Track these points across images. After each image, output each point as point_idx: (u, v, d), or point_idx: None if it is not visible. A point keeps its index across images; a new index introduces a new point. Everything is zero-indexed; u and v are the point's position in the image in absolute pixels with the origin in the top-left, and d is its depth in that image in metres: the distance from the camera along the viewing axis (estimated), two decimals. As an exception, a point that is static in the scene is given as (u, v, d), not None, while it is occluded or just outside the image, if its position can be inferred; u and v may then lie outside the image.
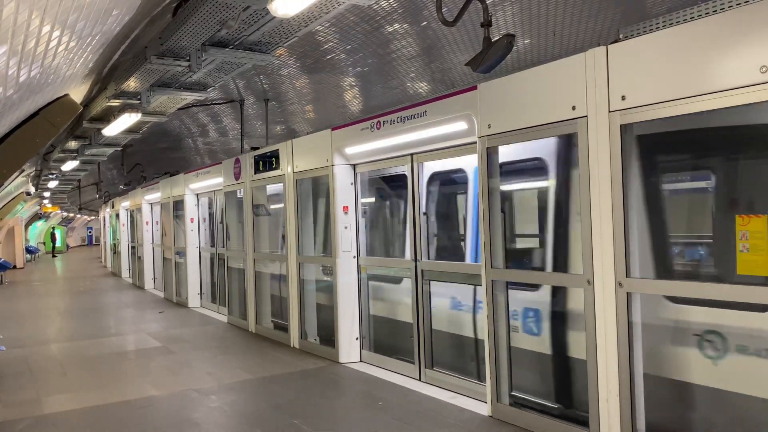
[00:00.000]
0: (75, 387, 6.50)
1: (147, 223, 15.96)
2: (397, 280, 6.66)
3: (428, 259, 6.10)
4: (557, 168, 4.79)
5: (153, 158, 16.73)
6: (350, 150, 6.77)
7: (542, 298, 4.87)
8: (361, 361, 6.95)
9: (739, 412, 3.71)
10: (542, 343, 4.88)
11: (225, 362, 7.29)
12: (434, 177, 6.23)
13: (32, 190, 18.86)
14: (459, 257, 6.20)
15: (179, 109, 9.07)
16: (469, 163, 5.76)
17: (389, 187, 7.24)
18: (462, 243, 6.30)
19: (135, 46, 6.67)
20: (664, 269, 4.08)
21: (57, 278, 22.29)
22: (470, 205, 5.98)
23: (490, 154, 4.85)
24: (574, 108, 4.07)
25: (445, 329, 6.08)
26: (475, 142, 4.98)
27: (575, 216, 4.38)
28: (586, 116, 4.00)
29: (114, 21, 5.04)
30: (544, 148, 4.77)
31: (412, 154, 6.12)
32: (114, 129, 9.08)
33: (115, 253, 21.36)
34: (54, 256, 37.66)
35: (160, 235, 14.64)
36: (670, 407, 4.01)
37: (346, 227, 6.95)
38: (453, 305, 6.00)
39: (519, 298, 4.94)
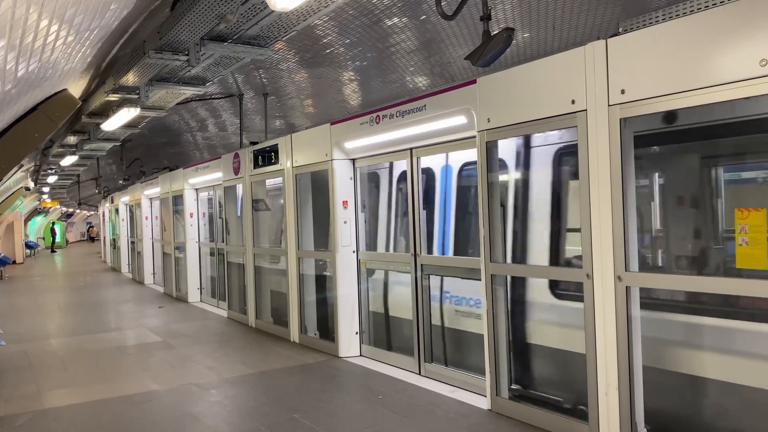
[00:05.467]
0: (75, 382, 6.51)
1: (146, 218, 15.96)
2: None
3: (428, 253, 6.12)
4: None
5: (152, 153, 16.71)
6: (349, 144, 6.76)
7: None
8: (360, 355, 6.96)
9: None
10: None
11: (225, 357, 7.31)
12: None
13: (31, 185, 18.84)
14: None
15: (178, 103, 9.06)
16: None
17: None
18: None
19: (133, 41, 6.66)
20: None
21: (57, 273, 22.31)
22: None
23: (490, 148, 4.85)
24: (573, 102, 4.06)
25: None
26: (474, 137, 4.97)
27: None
28: (586, 110, 3.99)
29: (112, 15, 5.03)
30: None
31: (411, 149, 6.11)
32: (113, 124, 9.06)
33: (114, 248, 21.36)
34: (53, 251, 37.68)
35: (159, 230, 14.64)
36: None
37: (345, 222, 6.94)
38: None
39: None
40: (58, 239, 40.37)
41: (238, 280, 9.83)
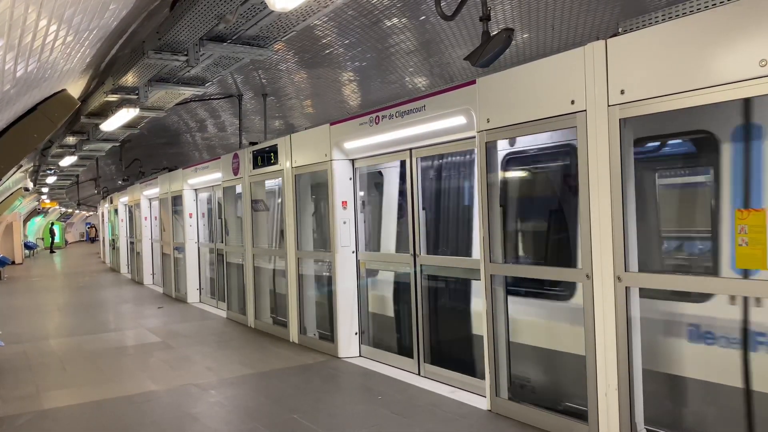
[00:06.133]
0: (75, 382, 6.50)
1: (146, 218, 15.94)
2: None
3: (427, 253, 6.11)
4: None
5: (151, 154, 16.70)
6: (349, 145, 6.76)
7: None
8: (360, 355, 6.96)
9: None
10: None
11: (224, 357, 7.30)
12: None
13: (30, 185, 18.82)
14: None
15: (177, 104, 9.05)
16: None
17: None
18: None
19: (133, 41, 6.65)
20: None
21: (56, 274, 22.28)
22: None
23: (489, 148, 4.85)
24: (573, 102, 4.06)
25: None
26: (473, 137, 4.97)
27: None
28: (585, 110, 3.99)
29: (111, 15, 5.02)
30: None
31: (410, 149, 6.11)
32: (112, 124, 9.05)
33: (113, 248, 21.34)
34: (52, 251, 37.63)
35: (158, 230, 14.63)
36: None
37: (345, 222, 6.95)
38: None
39: None
40: (57, 240, 40.30)
41: (238, 280, 9.82)
